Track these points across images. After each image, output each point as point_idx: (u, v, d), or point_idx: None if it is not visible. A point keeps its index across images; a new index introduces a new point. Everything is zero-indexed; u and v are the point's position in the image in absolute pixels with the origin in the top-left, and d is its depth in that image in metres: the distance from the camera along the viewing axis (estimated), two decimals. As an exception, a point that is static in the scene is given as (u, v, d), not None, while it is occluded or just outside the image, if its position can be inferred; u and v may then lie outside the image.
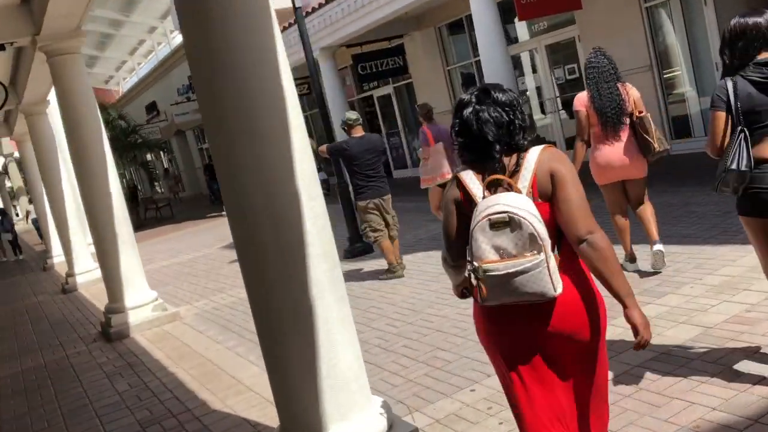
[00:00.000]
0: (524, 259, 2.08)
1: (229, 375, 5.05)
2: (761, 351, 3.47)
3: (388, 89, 16.48)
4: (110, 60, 33.88)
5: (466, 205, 2.24)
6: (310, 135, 12.84)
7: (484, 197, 2.18)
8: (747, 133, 2.90)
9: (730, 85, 2.95)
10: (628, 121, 4.91)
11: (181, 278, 9.92)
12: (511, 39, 12.88)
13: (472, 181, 2.24)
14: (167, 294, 8.73)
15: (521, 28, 12.61)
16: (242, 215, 2.91)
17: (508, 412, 3.37)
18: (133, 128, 23.12)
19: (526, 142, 2.26)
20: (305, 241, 2.85)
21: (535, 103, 13.00)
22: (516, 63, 12.99)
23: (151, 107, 29.33)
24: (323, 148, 7.38)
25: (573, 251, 2.20)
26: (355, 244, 8.73)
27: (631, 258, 5.18)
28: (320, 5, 13.09)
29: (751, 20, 2.95)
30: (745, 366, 3.35)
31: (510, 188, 2.17)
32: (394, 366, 4.46)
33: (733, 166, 2.90)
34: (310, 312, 2.86)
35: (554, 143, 6.97)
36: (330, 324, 2.91)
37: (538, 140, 8.99)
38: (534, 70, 12.80)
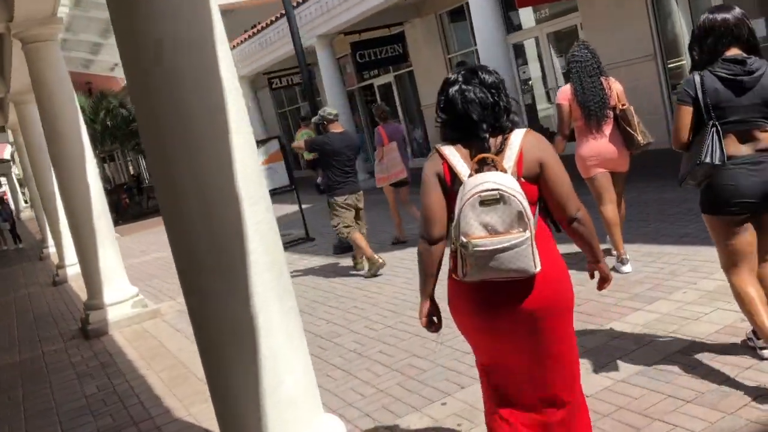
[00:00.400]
0: (511, 235, 2.15)
1: (197, 378, 4.81)
2: (754, 368, 3.20)
3: (388, 78, 16.17)
4: (115, 47, 33.68)
5: (449, 180, 2.31)
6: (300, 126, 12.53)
7: (470, 175, 2.24)
8: (719, 127, 2.92)
9: (697, 79, 2.97)
10: (611, 114, 4.85)
11: (172, 270, 9.68)
12: (514, 26, 12.56)
13: (455, 157, 2.31)
14: (153, 288, 8.53)
15: (525, 15, 12.25)
16: (177, 221, 2.66)
17: (477, 429, 3.18)
18: (135, 116, 22.88)
19: (510, 124, 2.34)
20: (246, 249, 2.59)
21: (540, 92, 12.65)
22: (519, 51, 12.66)
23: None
24: (300, 143, 7.22)
25: (546, 230, 2.36)
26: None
27: (622, 259, 4.90)
28: (317, -9, 12.82)
29: (719, 17, 2.99)
30: (735, 383, 3.09)
31: (495, 167, 2.24)
32: (366, 374, 4.21)
33: (707, 160, 2.91)
34: (251, 326, 2.61)
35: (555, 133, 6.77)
36: (274, 338, 2.67)
37: (542, 131, 9.05)
38: (539, 59, 12.44)
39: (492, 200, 2.15)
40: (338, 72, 13.83)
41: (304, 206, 10.25)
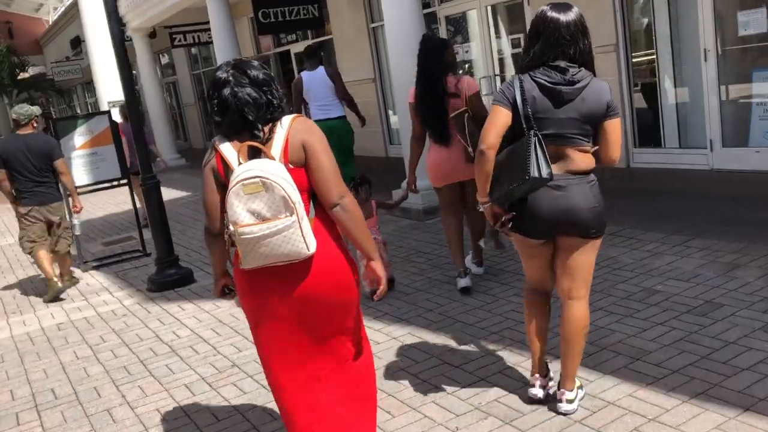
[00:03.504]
0: (277, 221, 2.21)
1: None
2: None
3: (305, 45, 13.52)
4: (36, -19, 30.13)
5: (223, 173, 2.35)
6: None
7: (240, 164, 2.28)
8: (540, 137, 2.62)
9: (516, 83, 2.70)
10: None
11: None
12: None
13: (229, 150, 2.34)
14: None
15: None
16: None
17: None
18: (21, 64, 19.66)
19: (280, 114, 2.38)
20: None
21: (476, 79, 10.20)
22: (459, 25, 10.20)
23: (76, 42, 25.77)
24: None
25: (328, 219, 2.41)
26: (165, 270, 5.99)
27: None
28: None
29: (550, 15, 2.68)
30: None
31: (264, 156, 2.29)
32: None
33: (535, 174, 2.59)
34: None
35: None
36: None
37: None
38: (481, 37, 9.95)
39: (254, 187, 2.19)
40: (232, 33, 11.10)
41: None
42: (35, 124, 6.25)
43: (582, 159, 2.72)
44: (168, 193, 11.75)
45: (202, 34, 15.22)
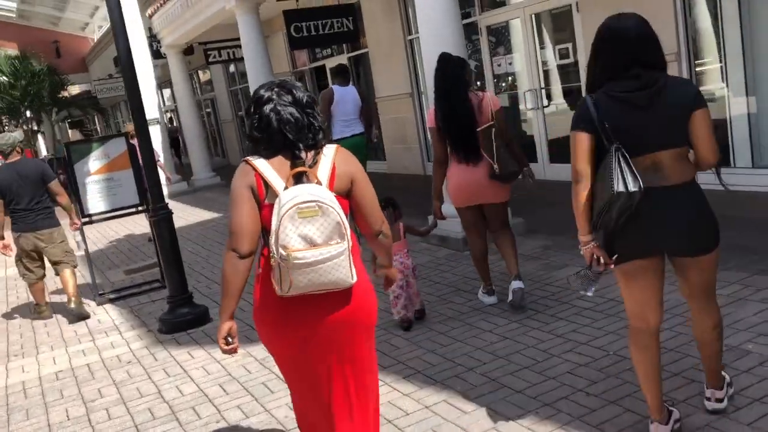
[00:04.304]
0: (330, 246, 2.18)
1: None
2: None
3: (341, 60, 13.03)
4: (82, 4, 30.46)
5: (261, 193, 2.29)
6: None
7: (286, 188, 2.24)
8: (623, 151, 2.47)
9: (590, 102, 2.56)
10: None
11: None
12: (493, 1, 9.46)
13: (268, 170, 2.29)
14: None
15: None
16: None
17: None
18: (61, 82, 19.53)
19: (322, 141, 2.39)
20: None
21: (520, 93, 9.49)
22: (501, 36, 9.54)
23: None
24: None
25: (356, 245, 2.36)
26: (177, 309, 5.46)
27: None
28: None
29: (615, 25, 2.58)
30: None
31: (310, 181, 2.27)
32: None
33: (621, 189, 2.43)
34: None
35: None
36: None
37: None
38: (526, 47, 9.26)
39: (310, 212, 2.16)
40: (264, 47, 10.62)
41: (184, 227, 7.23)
42: (20, 150, 6.20)
43: (680, 166, 2.56)
44: (199, 214, 11.37)
45: (237, 50, 14.86)
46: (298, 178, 2.27)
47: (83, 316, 6.09)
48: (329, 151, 2.37)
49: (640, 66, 2.50)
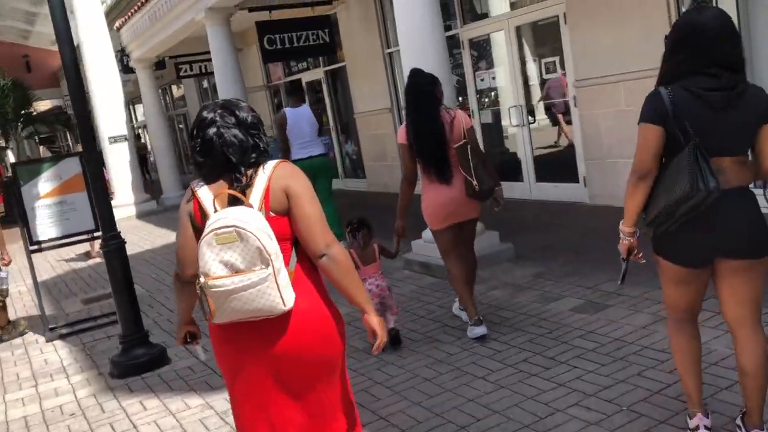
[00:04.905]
0: (251, 273, 2.07)
1: None
2: None
3: (318, 73, 12.58)
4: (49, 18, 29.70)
5: (199, 219, 2.23)
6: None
7: (215, 211, 2.16)
8: (702, 149, 2.39)
9: (665, 94, 2.48)
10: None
11: None
12: (476, 14, 9.07)
13: (207, 195, 2.23)
14: None
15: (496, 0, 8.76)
16: None
17: None
18: (27, 97, 18.88)
19: (266, 158, 2.27)
20: None
21: (504, 109, 9.05)
22: (483, 50, 9.13)
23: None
24: None
25: (311, 265, 2.26)
26: (131, 350, 4.88)
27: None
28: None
29: (697, 19, 2.49)
30: None
31: (241, 202, 2.17)
32: None
33: (701, 186, 2.36)
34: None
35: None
36: None
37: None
38: (510, 61, 8.83)
39: (228, 238, 2.06)
40: (234, 61, 10.11)
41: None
42: None
43: (740, 170, 2.50)
44: (166, 236, 10.75)
45: (209, 64, 14.28)
46: (233, 201, 2.17)
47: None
48: (268, 168, 2.23)
49: (717, 66, 2.42)
